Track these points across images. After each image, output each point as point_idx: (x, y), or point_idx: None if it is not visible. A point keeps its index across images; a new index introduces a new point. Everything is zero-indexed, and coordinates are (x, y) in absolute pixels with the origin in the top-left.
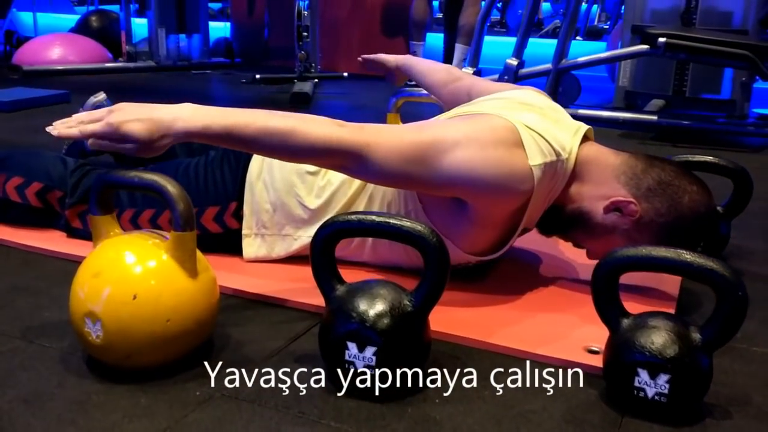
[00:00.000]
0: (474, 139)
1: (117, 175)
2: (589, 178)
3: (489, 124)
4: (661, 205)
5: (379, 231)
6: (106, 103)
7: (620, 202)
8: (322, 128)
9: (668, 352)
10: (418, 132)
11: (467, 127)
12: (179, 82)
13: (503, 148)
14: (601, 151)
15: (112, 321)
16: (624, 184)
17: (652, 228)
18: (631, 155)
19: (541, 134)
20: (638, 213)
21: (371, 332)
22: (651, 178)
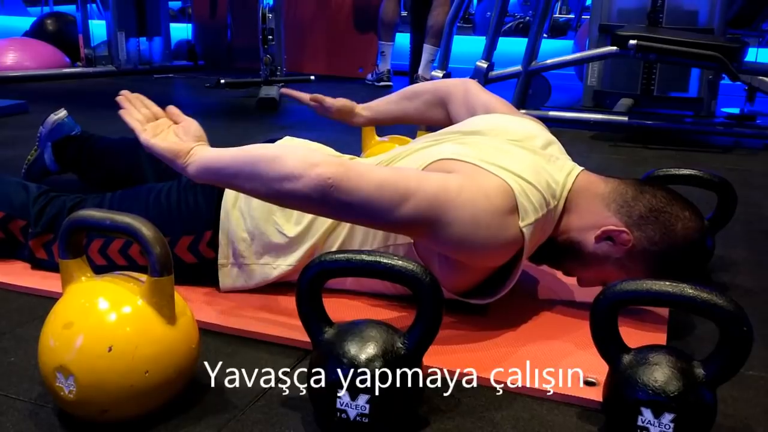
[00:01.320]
0: (469, 215)
1: (87, 217)
2: (579, 209)
3: (485, 191)
4: (654, 233)
5: (369, 270)
6: (67, 120)
7: (612, 231)
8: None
9: (672, 390)
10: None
11: (462, 198)
12: (141, 87)
13: (498, 218)
14: (590, 180)
15: (86, 375)
16: (615, 212)
17: (646, 256)
18: (621, 182)
19: (535, 185)
20: (631, 242)
21: (364, 380)
22: (642, 206)
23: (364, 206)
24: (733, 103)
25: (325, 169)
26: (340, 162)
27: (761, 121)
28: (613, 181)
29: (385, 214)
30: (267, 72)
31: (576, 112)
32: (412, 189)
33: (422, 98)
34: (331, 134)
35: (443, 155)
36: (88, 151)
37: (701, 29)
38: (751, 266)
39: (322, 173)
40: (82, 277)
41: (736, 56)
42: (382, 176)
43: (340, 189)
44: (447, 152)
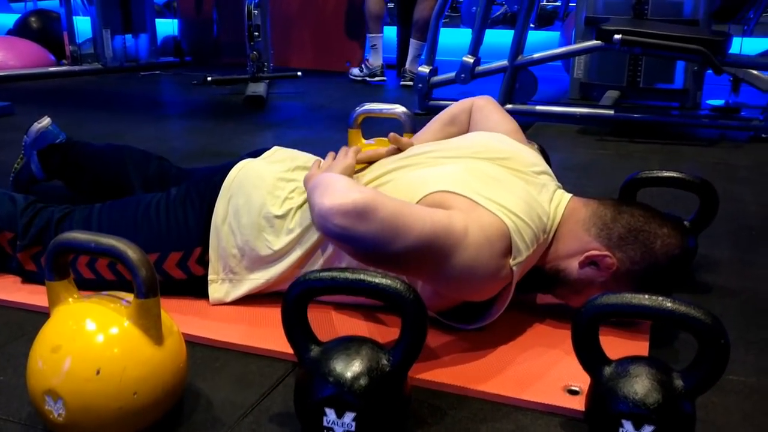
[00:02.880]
0: (471, 257)
1: (73, 240)
2: (563, 237)
3: (487, 234)
4: (634, 253)
5: (354, 289)
6: (51, 128)
7: (595, 256)
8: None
9: (652, 402)
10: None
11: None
12: (128, 85)
13: (495, 260)
14: (573, 207)
15: (75, 399)
16: (595, 237)
17: (629, 276)
18: (599, 204)
19: (528, 223)
20: (615, 265)
21: (350, 397)
22: (621, 226)
23: (366, 240)
24: (719, 93)
25: (331, 200)
26: (354, 198)
27: (746, 113)
28: (592, 203)
29: (386, 250)
30: (254, 68)
31: (563, 106)
32: (418, 227)
33: (461, 119)
34: (318, 132)
35: (440, 186)
36: (74, 159)
37: (686, 21)
38: (735, 265)
39: (326, 203)
40: (69, 299)
41: (720, 49)
42: (390, 212)
43: (346, 218)
44: (444, 181)
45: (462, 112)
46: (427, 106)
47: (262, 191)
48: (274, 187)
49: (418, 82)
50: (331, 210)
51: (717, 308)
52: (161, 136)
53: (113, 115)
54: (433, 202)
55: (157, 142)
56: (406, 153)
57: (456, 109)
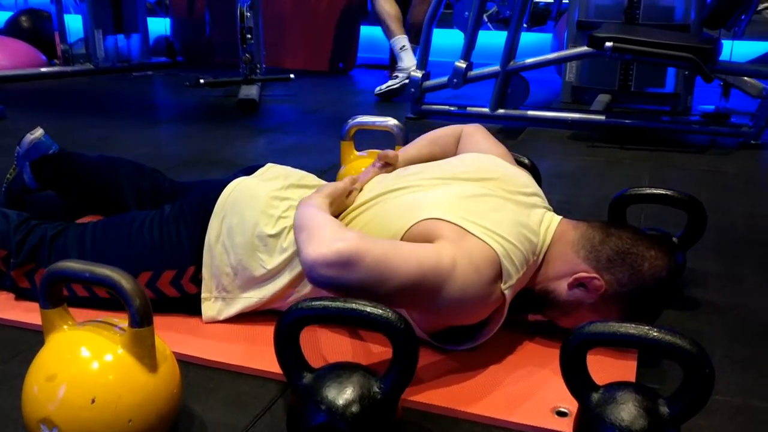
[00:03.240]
0: (459, 288)
1: (67, 269)
2: (552, 259)
3: (475, 264)
4: (622, 276)
5: (345, 318)
6: (44, 139)
7: (584, 278)
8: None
9: (638, 429)
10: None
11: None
12: (120, 86)
13: (485, 288)
14: (562, 230)
15: (71, 427)
16: (584, 259)
17: (617, 298)
18: (588, 226)
19: (518, 246)
20: (603, 287)
21: (342, 424)
22: (609, 249)
23: (353, 287)
24: (709, 97)
25: (315, 250)
26: (337, 248)
27: (735, 119)
28: (581, 225)
29: (374, 293)
30: (246, 71)
31: (554, 111)
32: (404, 270)
33: (446, 140)
34: (311, 137)
35: (431, 213)
36: (67, 170)
37: (677, 26)
38: (723, 280)
39: (311, 254)
40: (64, 326)
41: (711, 56)
42: (375, 257)
43: (331, 269)
44: (434, 208)
45: (449, 136)
46: (419, 110)
47: (255, 210)
48: (268, 206)
49: (410, 87)
50: (316, 262)
51: (704, 325)
52: (154, 142)
53: (105, 118)
54: (424, 229)
55: (149, 148)
56: (396, 174)
57: (443, 131)
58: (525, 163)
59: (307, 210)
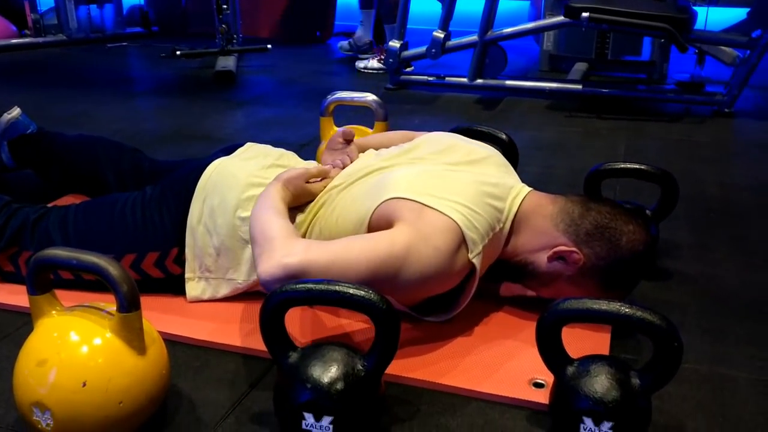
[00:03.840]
0: (418, 270)
1: (54, 256)
2: (529, 230)
3: (432, 242)
4: (600, 249)
5: (329, 299)
6: (21, 119)
7: (563, 251)
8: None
9: (610, 401)
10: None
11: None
12: (94, 58)
13: (447, 260)
14: (539, 202)
15: (63, 410)
16: (563, 232)
17: (595, 271)
18: (567, 200)
19: (479, 212)
20: (581, 260)
21: (327, 401)
22: (588, 223)
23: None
24: (685, 65)
25: (265, 268)
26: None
27: (710, 88)
28: (560, 199)
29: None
30: (223, 42)
31: (532, 80)
32: (353, 269)
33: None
34: (289, 109)
35: (390, 194)
36: (45, 150)
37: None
38: (695, 250)
39: (262, 273)
40: (53, 312)
41: (686, 26)
42: (324, 264)
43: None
44: (394, 188)
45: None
46: (398, 81)
47: (236, 191)
48: (248, 186)
49: (388, 57)
50: (267, 280)
51: (675, 294)
52: (131, 116)
53: (79, 92)
54: (385, 212)
55: (126, 123)
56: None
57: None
58: (502, 138)
59: (260, 215)
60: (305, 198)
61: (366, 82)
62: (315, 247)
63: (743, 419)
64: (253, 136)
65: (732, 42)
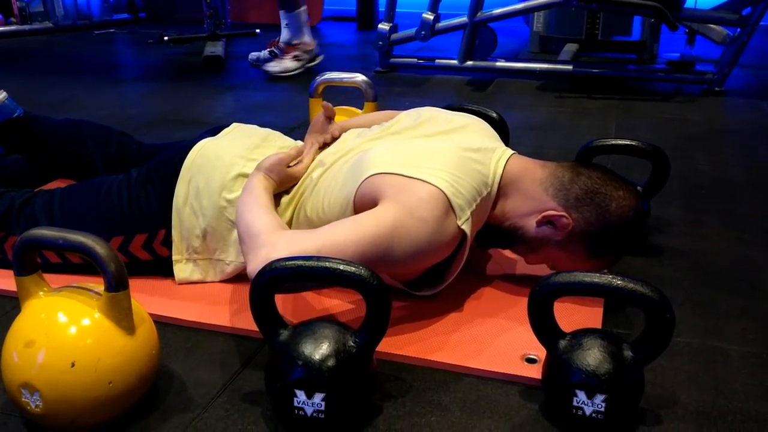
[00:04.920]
0: (408, 244)
1: (41, 236)
2: (518, 194)
3: (419, 215)
4: (590, 215)
5: (319, 276)
6: (8, 102)
7: (552, 215)
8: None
9: (603, 373)
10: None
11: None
12: (81, 45)
13: (436, 229)
14: (527, 166)
15: (52, 391)
16: (553, 196)
17: (584, 237)
18: (557, 165)
19: (464, 178)
20: (570, 225)
21: (319, 378)
22: (578, 188)
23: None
24: (675, 45)
25: (252, 266)
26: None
27: (700, 66)
28: (550, 165)
29: None
30: (211, 26)
31: (522, 61)
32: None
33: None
34: (278, 93)
35: (373, 170)
36: (32, 134)
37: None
38: (686, 226)
39: (249, 272)
40: (40, 293)
41: (676, 4)
42: (315, 246)
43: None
44: (376, 164)
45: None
46: (388, 64)
47: (221, 172)
48: (234, 166)
49: (378, 40)
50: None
51: (667, 269)
52: (119, 102)
53: (67, 79)
54: (369, 189)
55: (114, 109)
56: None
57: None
58: (493, 116)
59: (244, 212)
60: (289, 182)
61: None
62: (299, 237)
63: (736, 391)
64: (242, 120)
65: (722, 20)
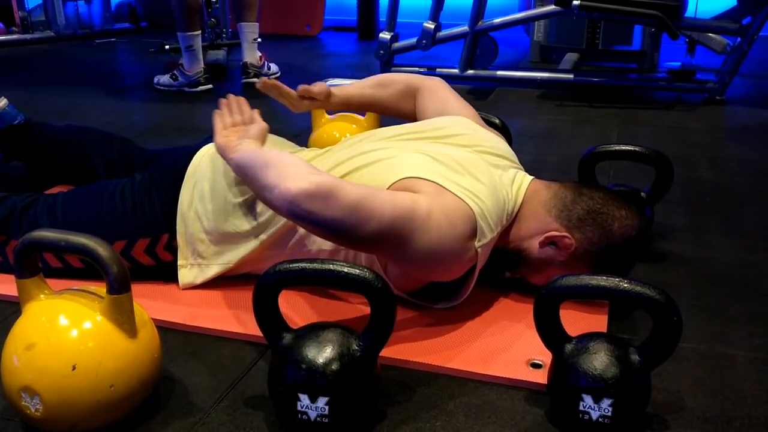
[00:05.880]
0: (434, 238)
1: (42, 238)
2: (525, 218)
3: (450, 217)
4: (593, 234)
5: (323, 279)
6: (8, 109)
7: (554, 236)
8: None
9: (610, 377)
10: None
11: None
12: (82, 54)
13: (460, 243)
14: (535, 189)
15: (52, 395)
16: (555, 217)
17: (587, 257)
18: (561, 186)
19: (493, 207)
20: (573, 245)
21: (322, 382)
22: (581, 208)
23: (332, 224)
24: (676, 54)
25: (295, 183)
26: (317, 180)
27: (701, 75)
28: (554, 185)
29: (352, 233)
30: (212, 35)
31: (523, 70)
32: (379, 210)
33: (395, 88)
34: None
35: (409, 173)
36: (34, 141)
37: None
38: (690, 232)
39: (291, 188)
40: (41, 295)
41: (676, 13)
42: (354, 196)
43: (312, 202)
44: (413, 168)
45: (401, 84)
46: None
47: (226, 176)
48: None
49: (379, 49)
50: (297, 195)
51: (671, 277)
52: (120, 109)
53: (69, 87)
54: (402, 187)
55: (115, 116)
56: (368, 138)
57: (396, 77)
58: (495, 122)
59: (259, 152)
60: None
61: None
62: (341, 181)
63: (743, 396)
64: None
65: (723, 29)
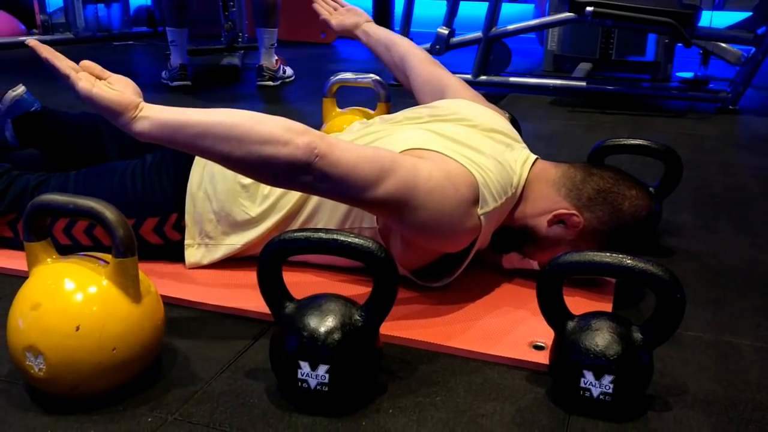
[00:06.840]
0: (437, 201)
1: (51, 201)
2: (532, 196)
3: (453, 181)
4: (602, 214)
5: (327, 248)
6: (26, 96)
7: (563, 214)
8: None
9: (611, 354)
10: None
11: (431, 185)
12: (100, 55)
13: (463, 207)
14: (542, 168)
15: (56, 354)
16: (565, 196)
17: (596, 236)
18: (570, 166)
19: (497, 177)
20: (582, 224)
21: (323, 350)
22: (590, 188)
23: (341, 181)
24: (689, 66)
25: (312, 138)
26: (322, 134)
27: (714, 85)
28: (563, 165)
29: (359, 190)
30: (228, 39)
31: (536, 77)
32: (387, 169)
33: (413, 61)
34: (292, 103)
35: (410, 145)
36: (49, 127)
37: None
38: (697, 230)
39: (310, 142)
40: (48, 259)
41: (690, 22)
42: (362, 154)
43: (324, 160)
44: (413, 141)
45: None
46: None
47: None
48: None
49: None
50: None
51: (678, 270)
52: None
53: None
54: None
55: None
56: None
57: (401, 47)
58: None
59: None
60: None
61: None
62: (344, 142)
63: (748, 382)
64: None
65: (737, 39)
